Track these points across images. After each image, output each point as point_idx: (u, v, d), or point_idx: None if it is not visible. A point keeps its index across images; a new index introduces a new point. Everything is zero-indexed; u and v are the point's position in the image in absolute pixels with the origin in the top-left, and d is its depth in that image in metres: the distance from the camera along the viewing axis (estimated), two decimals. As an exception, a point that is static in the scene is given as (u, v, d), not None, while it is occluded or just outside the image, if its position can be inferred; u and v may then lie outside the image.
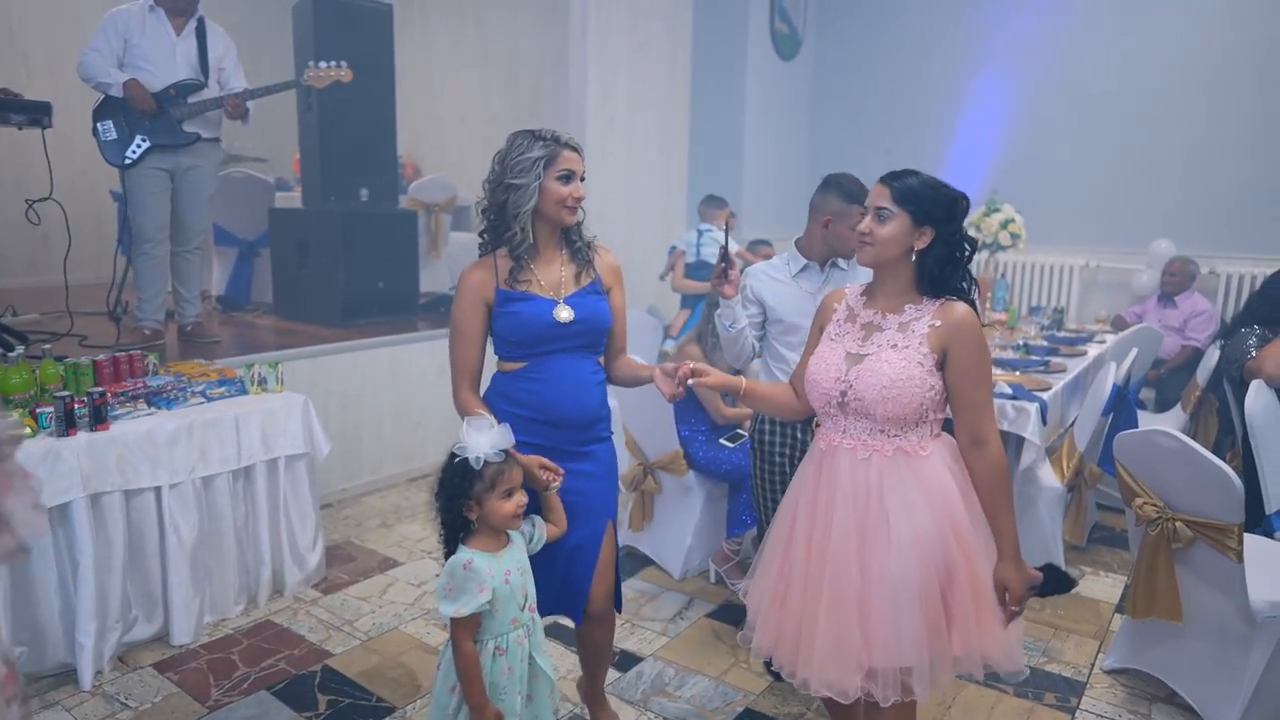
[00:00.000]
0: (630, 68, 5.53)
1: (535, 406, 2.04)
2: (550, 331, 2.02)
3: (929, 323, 1.75)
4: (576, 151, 2.02)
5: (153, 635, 2.79)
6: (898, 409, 1.72)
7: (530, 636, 1.92)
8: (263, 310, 5.11)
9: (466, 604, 1.76)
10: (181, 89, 3.74)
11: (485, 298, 2.04)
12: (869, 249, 1.78)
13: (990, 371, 1.77)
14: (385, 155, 4.82)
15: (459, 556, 1.81)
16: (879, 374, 1.73)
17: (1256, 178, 5.40)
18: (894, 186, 1.75)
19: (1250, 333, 3.37)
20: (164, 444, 2.73)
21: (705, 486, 3.37)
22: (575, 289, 2.07)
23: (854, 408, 1.77)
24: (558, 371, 2.04)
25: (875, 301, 1.84)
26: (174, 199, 3.87)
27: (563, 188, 1.99)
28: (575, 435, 2.08)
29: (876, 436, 1.76)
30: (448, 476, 1.81)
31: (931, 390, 1.73)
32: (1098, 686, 2.71)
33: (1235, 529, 2.28)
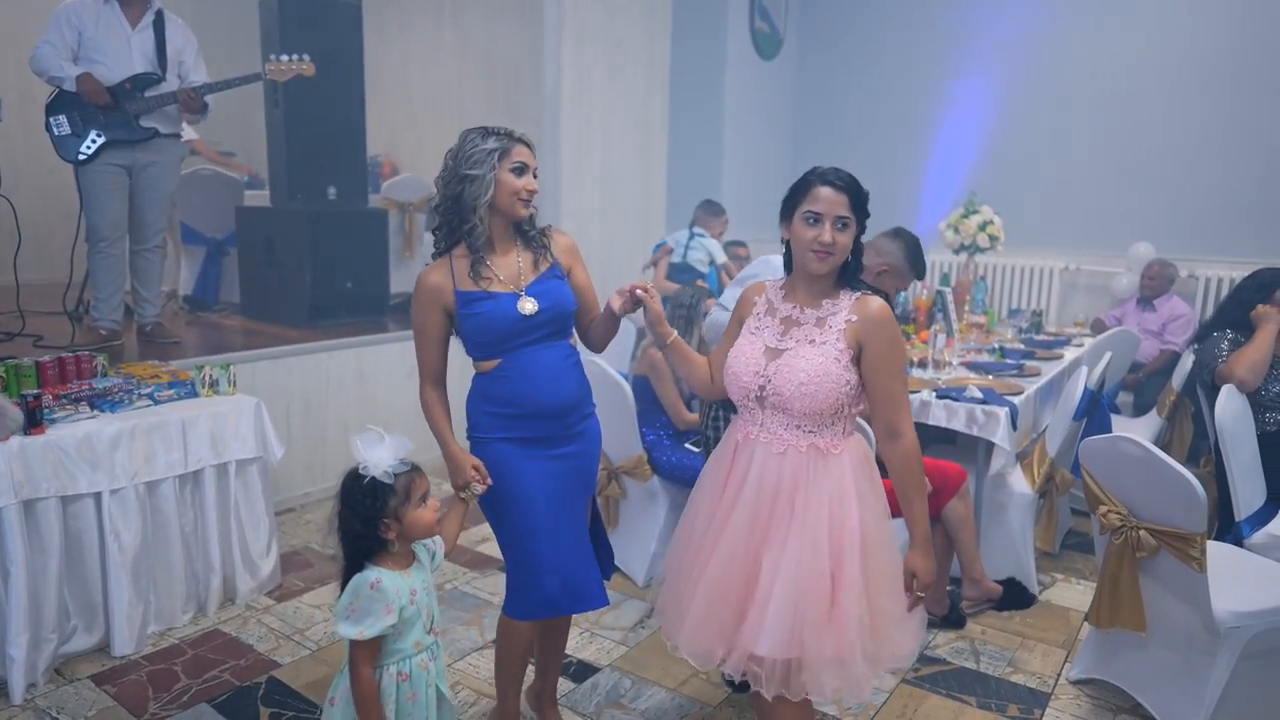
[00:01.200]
0: (607, 66, 5.47)
1: (516, 403, 2.03)
2: (517, 326, 2.01)
3: (845, 318, 1.78)
4: (529, 146, 2.03)
5: (93, 646, 2.70)
6: (814, 404, 1.75)
7: (435, 660, 1.84)
8: (230, 311, 5.03)
9: (371, 625, 1.68)
10: (137, 83, 3.64)
11: (443, 303, 2.03)
12: (830, 260, 1.77)
13: (904, 366, 1.81)
14: (354, 153, 4.74)
15: (366, 575, 1.71)
16: (797, 370, 1.75)
17: (1236, 181, 5.37)
18: (851, 193, 1.77)
19: (1222, 336, 3.32)
20: (104, 448, 2.65)
21: (670, 492, 3.31)
22: (534, 277, 2.06)
23: (772, 402, 1.79)
24: (531, 365, 2.03)
25: (795, 295, 1.87)
26: (132, 196, 3.77)
27: (516, 180, 1.99)
28: (561, 422, 2.08)
29: (792, 431, 1.79)
30: (359, 500, 1.71)
31: (848, 385, 1.76)
32: (1063, 698, 2.65)
33: (1198, 538, 2.23)
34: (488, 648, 2.85)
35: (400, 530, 1.73)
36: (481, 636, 2.92)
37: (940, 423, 3.25)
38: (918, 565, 1.79)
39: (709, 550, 1.85)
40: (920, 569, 1.79)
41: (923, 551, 1.79)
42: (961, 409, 3.22)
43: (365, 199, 4.92)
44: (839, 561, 1.74)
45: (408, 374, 4.46)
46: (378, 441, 1.72)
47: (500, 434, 2.05)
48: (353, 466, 1.73)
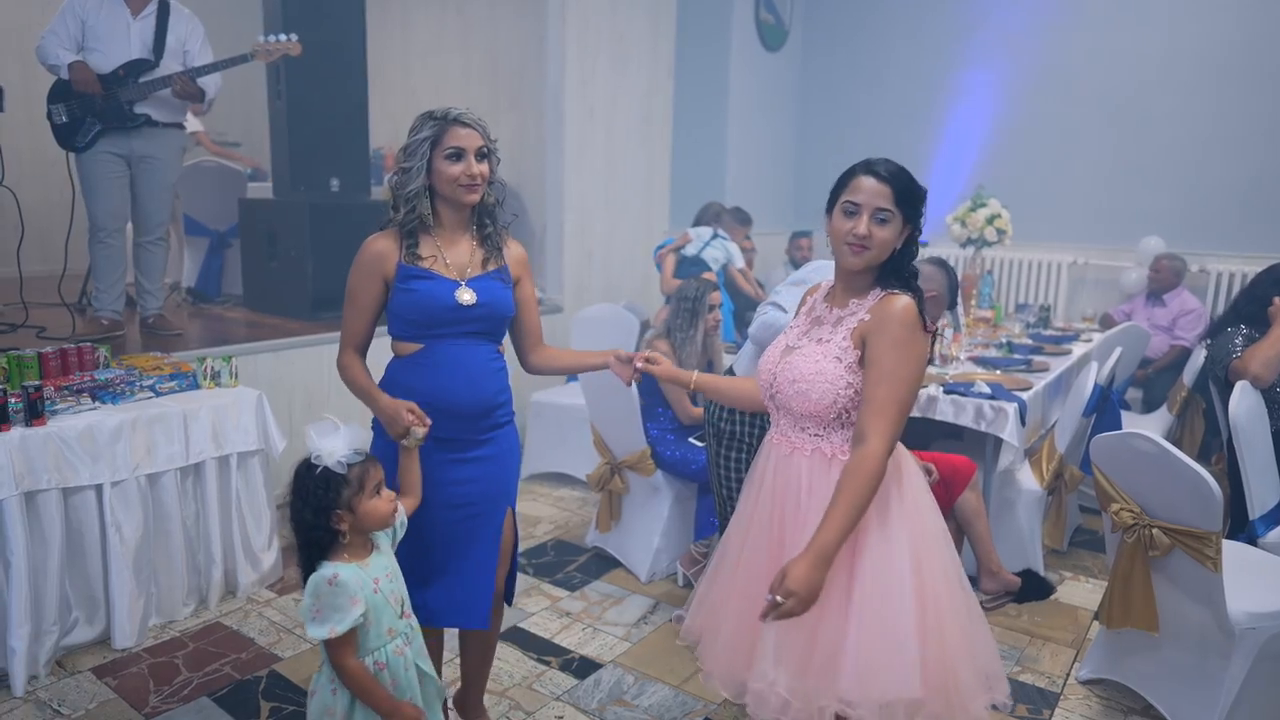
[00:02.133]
0: (611, 57, 5.42)
1: (429, 394, 1.92)
2: (450, 314, 1.93)
3: (860, 317, 1.66)
4: (472, 127, 1.91)
5: (94, 638, 2.69)
6: (809, 405, 1.65)
7: (410, 644, 1.81)
8: (233, 303, 5.01)
9: (341, 621, 1.64)
10: (131, 70, 3.60)
11: (384, 271, 1.94)
12: (866, 254, 1.63)
13: (907, 373, 1.60)
14: (357, 144, 4.70)
15: (321, 573, 1.66)
16: (796, 368, 1.68)
17: (1248, 175, 5.31)
18: (895, 186, 1.62)
19: (1236, 332, 3.28)
20: (106, 440, 2.63)
21: (674, 487, 3.28)
22: (480, 272, 1.99)
23: (779, 402, 1.73)
24: (453, 357, 1.95)
25: (832, 295, 1.78)
26: (133, 187, 3.75)
27: (452, 167, 1.89)
28: (472, 424, 1.99)
29: (798, 433, 1.71)
30: (310, 490, 1.66)
31: (849, 388, 1.64)
32: (1072, 698, 2.62)
33: (1214, 537, 2.19)
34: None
35: (353, 522, 1.69)
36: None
37: (948, 418, 3.21)
38: (794, 569, 1.51)
39: (734, 570, 1.76)
40: (794, 574, 1.50)
41: (811, 561, 1.51)
42: (969, 404, 3.18)
43: (368, 191, 4.88)
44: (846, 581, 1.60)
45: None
46: (332, 430, 1.68)
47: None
48: (305, 456, 1.68)
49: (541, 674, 2.67)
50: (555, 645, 2.84)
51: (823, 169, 7.02)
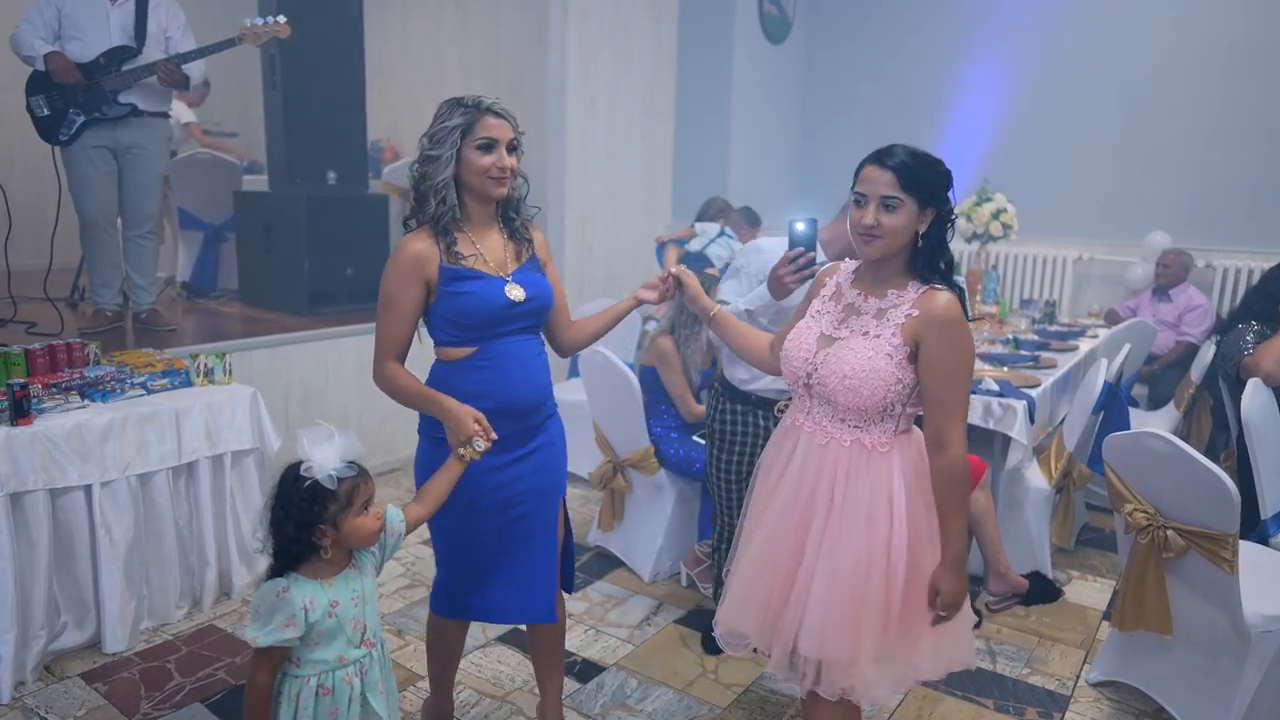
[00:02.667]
0: (613, 49, 5.35)
1: (487, 396, 1.86)
2: (504, 313, 1.87)
3: (906, 312, 1.64)
4: (504, 118, 1.84)
5: (84, 642, 2.63)
6: (859, 400, 1.65)
7: (364, 675, 1.67)
8: (228, 297, 4.94)
9: (267, 634, 1.55)
10: (112, 58, 3.51)
11: (425, 274, 1.84)
12: (877, 243, 1.65)
13: (967, 370, 1.65)
14: (354, 136, 4.63)
15: (277, 582, 1.58)
16: (844, 362, 1.65)
17: (1255, 170, 5.25)
18: (899, 171, 1.62)
19: (1247, 329, 3.23)
20: (95, 439, 2.56)
21: (677, 486, 3.23)
22: (519, 264, 1.94)
23: (818, 391, 1.71)
24: (510, 355, 1.89)
25: (862, 281, 1.75)
26: (120, 180, 3.67)
27: (483, 158, 1.82)
28: (527, 420, 1.95)
29: (837, 424, 1.70)
30: (296, 502, 1.57)
31: (899, 384, 1.64)
32: (1082, 700, 2.57)
33: (1230, 539, 2.14)
34: (490, 645, 2.78)
35: (336, 538, 1.60)
36: (483, 634, 2.84)
37: (955, 416, 3.15)
38: (943, 581, 1.65)
39: (750, 536, 1.81)
40: (946, 586, 1.65)
41: (953, 570, 1.65)
42: (978, 401, 3.13)
43: (366, 184, 4.82)
44: (882, 564, 1.65)
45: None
46: (325, 438, 1.58)
47: None
48: (293, 463, 1.59)
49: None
50: (556, 648, 2.78)
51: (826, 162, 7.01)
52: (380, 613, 2.16)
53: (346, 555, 1.67)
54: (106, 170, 3.61)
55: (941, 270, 1.68)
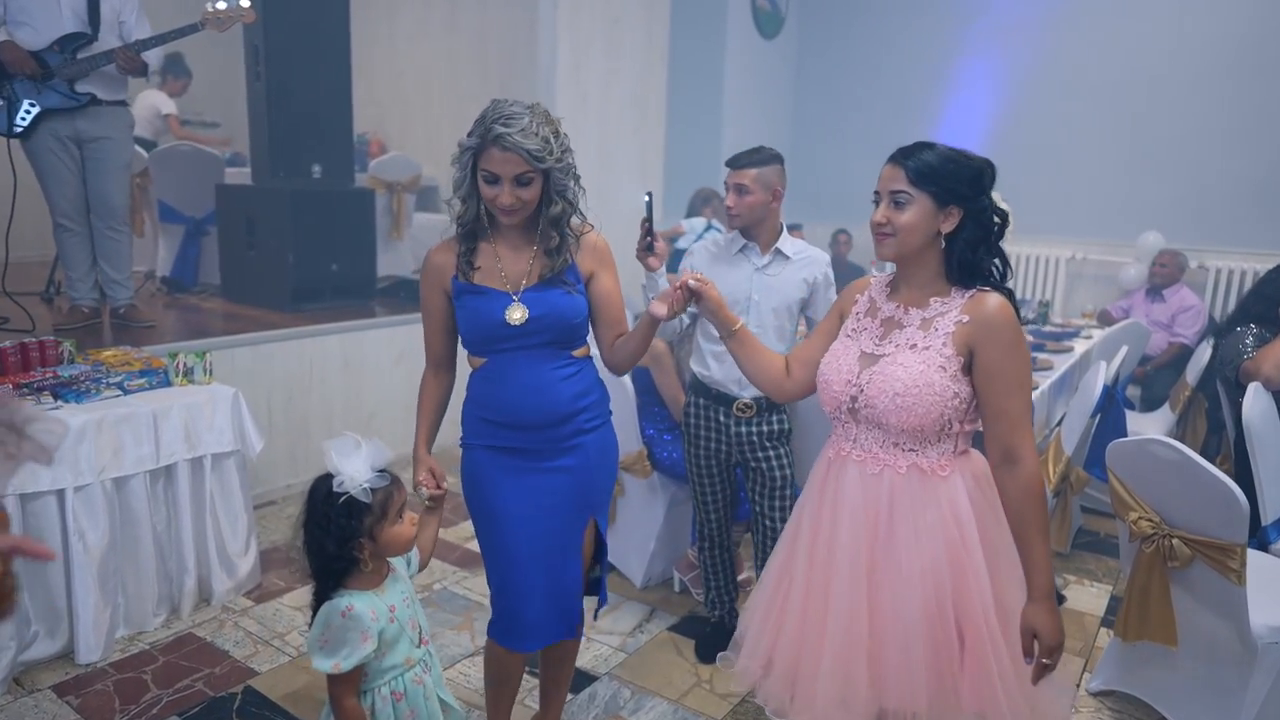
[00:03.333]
0: (605, 42, 5.27)
1: (495, 409, 1.86)
2: (500, 331, 1.81)
3: (956, 319, 1.52)
4: (511, 151, 1.68)
5: (57, 653, 2.53)
6: (913, 419, 1.51)
7: (430, 671, 1.70)
8: (210, 293, 4.83)
9: (348, 656, 1.52)
10: (67, 45, 3.37)
11: (443, 284, 1.87)
12: (889, 241, 1.55)
13: (1027, 376, 1.53)
14: (340, 129, 4.54)
15: (336, 603, 1.54)
16: (893, 379, 1.51)
17: (1248, 171, 5.23)
18: (908, 165, 1.53)
19: (1246, 331, 3.18)
20: (68, 442, 2.47)
21: (670, 489, 3.16)
22: (537, 280, 1.82)
23: (865, 415, 1.57)
24: (515, 372, 1.84)
25: (899, 294, 1.63)
26: (85, 171, 3.53)
27: (488, 189, 1.75)
28: (547, 434, 1.87)
29: (890, 450, 1.56)
30: (332, 519, 1.52)
31: (955, 399, 1.51)
32: (1084, 711, 2.53)
33: (1239, 549, 2.10)
34: (480, 654, 2.70)
35: (374, 549, 1.57)
36: (472, 642, 2.77)
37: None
38: (1040, 623, 1.46)
39: (819, 603, 1.60)
40: (1043, 627, 1.46)
41: (1046, 606, 1.47)
42: (976, 405, 3.08)
43: (351, 178, 4.72)
44: (961, 600, 1.51)
45: (395, 360, 4.31)
46: (354, 449, 1.53)
47: (482, 440, 1.89)
48: (322, 475, 1.54)
49: (534, 687, 2.54)
50: (546, 656, 2.71)
51: (819, 158, 6.93)
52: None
53: (383, 565, 1.65)
54: (69, 161, 3.48)
55: (986, 273, 1.55)
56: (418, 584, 3.13)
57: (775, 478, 2.55)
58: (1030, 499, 1.48)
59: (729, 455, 2.59)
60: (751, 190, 2.45)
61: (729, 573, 2.80)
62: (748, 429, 2.54)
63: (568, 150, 1.79)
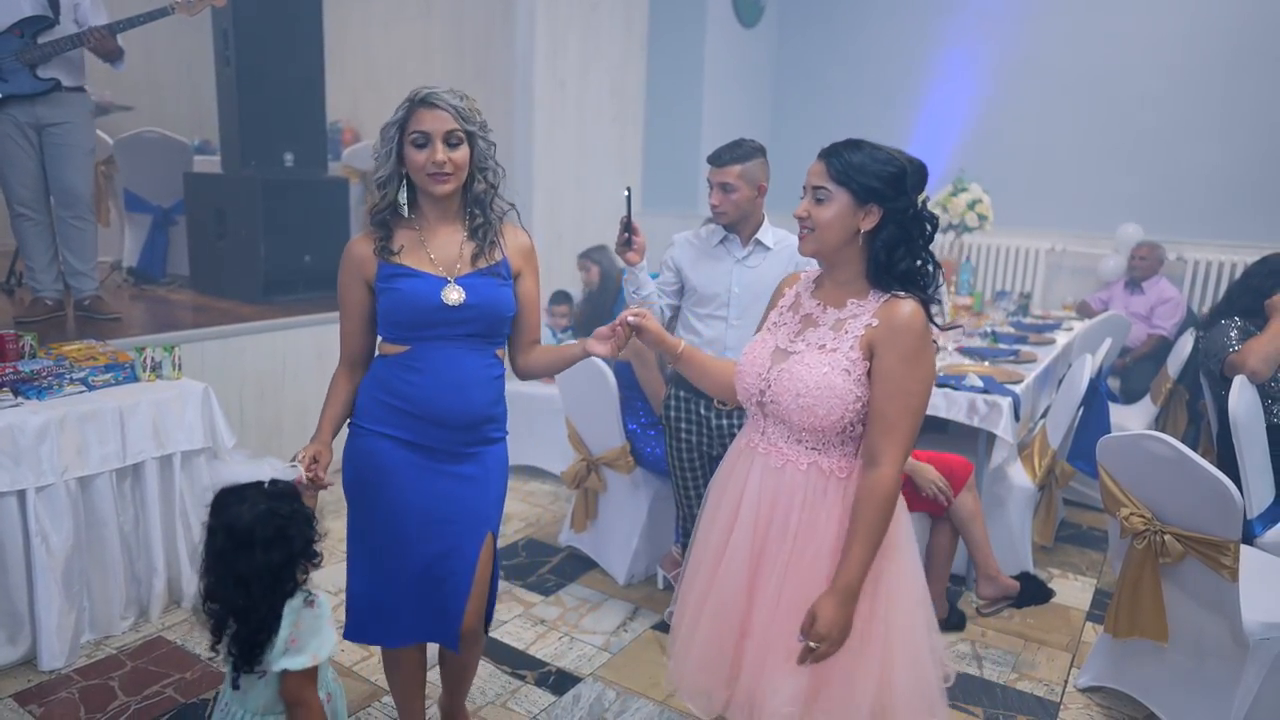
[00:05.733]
0: (582, 29, 5.18)
1: (413, 400, 1.78)
2: (435, 315, 1.76)
3: (866, 322, 1.52)
4: (439, 108, 1.70)
5: (18, 659, 2.44)
6: (814, 419, 1.52)
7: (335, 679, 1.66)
8: (178, 284, 4.70)
9: (321, 646, 1.46)
10: (28, 29, 3.25)
11: (365, 275, 1.81)
12: (810, 237, 1.56)
13: (920, 388, 1.50)
14: (312, 117, 4.41)
15: (297, 599, 1.47)
16: (797, 378, 1.53)
17: (1226, 163, 5.25)
18: (831, 162, 1.53)
19: (1231, 325, 3.18)
20: (29, 441, 2.37)
21: (653, 485, 3.11)
22: (471, 270, 1.80)
23: (771, 410, 1.59)
24: (442, 363, 1.78)
25: (820, 291, 1.64)
26: (45, 159, 3.40)
27: (417, 154, 1.72)
28: (459, 435, 1.82)
29: (793, 446, 1.58)
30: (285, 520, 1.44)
31: (857, 402, 1.52)
32: (1072, 707, 2.51)
33: (1232, 546, 2.08)
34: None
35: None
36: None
37: (939, 412, 3.08)
38: (823, 610, 1.46)
39: (708, 581, 1.65)
40: (823, 614, 1.46)
41: (840, 601, 1.46)
42: (962, 398, 3.06)
43: (324, 167, 4.60)
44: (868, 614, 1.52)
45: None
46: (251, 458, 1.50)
47: (384, 427, 1.79)
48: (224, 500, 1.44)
49: (516, 690, 2.49)
50: (530, 657, 2.66)
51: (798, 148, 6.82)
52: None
53: None
54: (30, 148, 3.36)
55: (905, 277, 1.53)
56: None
57: None
58: (872, 502, 1.48)
59: (710, 448, 2.56)
60: (737, 187, 2.41)
61: (714, 570, 2.75)
62: (728, 422, 2.51)
63: (489, 130, 1.80)
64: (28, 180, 3.40)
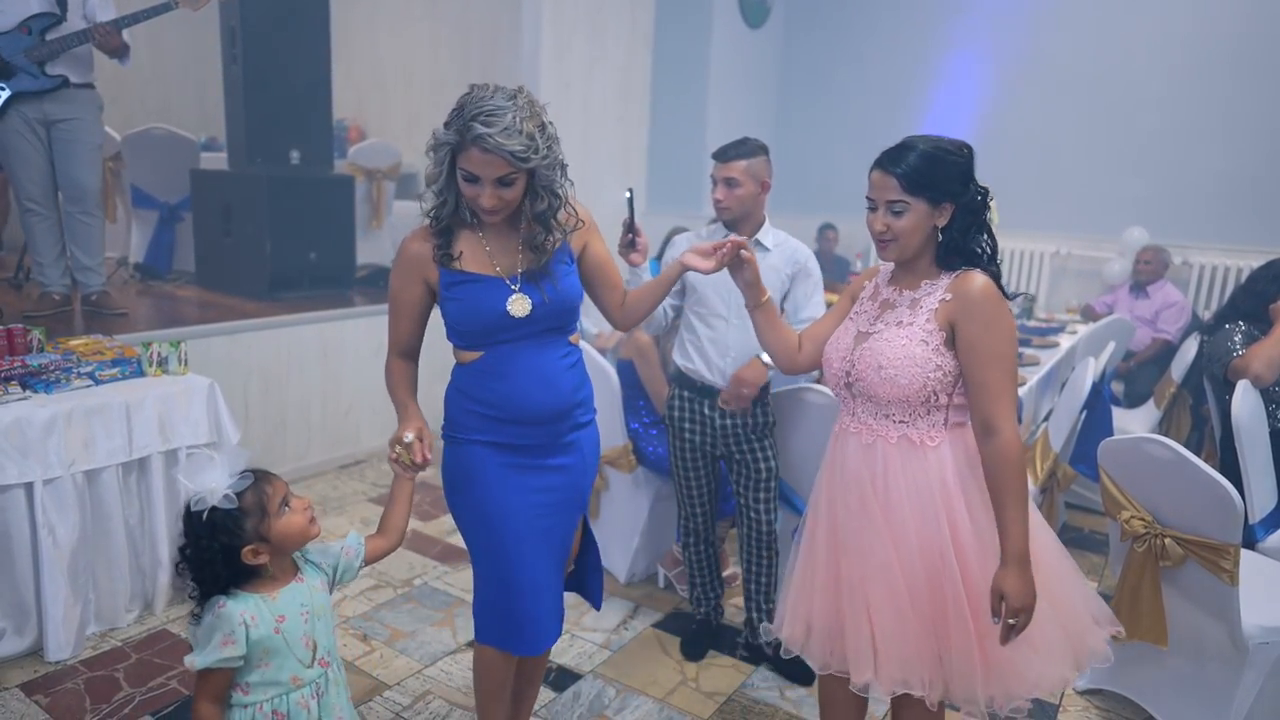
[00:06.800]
0: (588, 29, 5.20)
1: (501, 405, 1.74)
2: (503, 321, 1.71)
3: (940, 297, 1.61)
4: (492, 153, 1.56)
5: (24, 650, 2.46)
6: (898, 391, 1.60)
7: (320, 698, 1.54)
8: (185, 280, 4.73)
9: (204, 656, 1.40)
10: (36, 26, 3.27)
11: (425, 275, 1.74)
12: (892, 246, 1.63)
13: (1009, 350, 1.57)
14: (319, 115, 4.45)
15: (216, 598, 1.45)
16: (878, 353, 1.62)
17: (1234, 167, 5.25)
18: (899, 174, 1.58)
19: (1235, 329, 3.18)
20: (37, 434, 2.39)
21: (654, 484, 3.11)
22: (532, 264, 1.73)
23: (858, 389, 1.68)
24: (520, 364, 1.74)
25: (898, 279, 1.73)
26: (53, 155, 3.42)
27: (467, 186, 1.63)
28: (552, 429, 1.79)
29: (881, 421, 1.66)
30: (207, 537, 1.42)
31: (938, 370, 1.59)
32: (1071, 710, 2.52)
33: (1232, 549, 2.08)
34: (462, 651, 2.65)
35: (271, 549, 1.47)
36: (454, 638, 2.72)
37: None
38: (1008, 585, 1.50)
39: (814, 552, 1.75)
40: (1011, 589, 1.50)
41: (1018, 570, 1.51)
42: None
43: (330, 165, 4.63)
44: (937, 572, 1.58)
45: (375, 350, 4.23)
46: (205, 465, 1.44)
47: (480, 436, 1.76)
48: (188, 502, 1.44)
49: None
50: (530, 654, 2.67)
51: (803, 149, 6.88)
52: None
53: (291, 567, 1.55)
54: (39, 144, 3.39)
55: (974, 255, 1.62)
56: (397, 579, 3.08)
57: (760, 470, 2.52)
58: (1005, 466, 1.54)
59: (713, 448, 2.56)
60: (741, 183, 2.42)
61: (714, 569, 2.76)
62: (730, 421, 2.51)
63: (555, 142, 1.67)
64: (36, 176, 3.42)
